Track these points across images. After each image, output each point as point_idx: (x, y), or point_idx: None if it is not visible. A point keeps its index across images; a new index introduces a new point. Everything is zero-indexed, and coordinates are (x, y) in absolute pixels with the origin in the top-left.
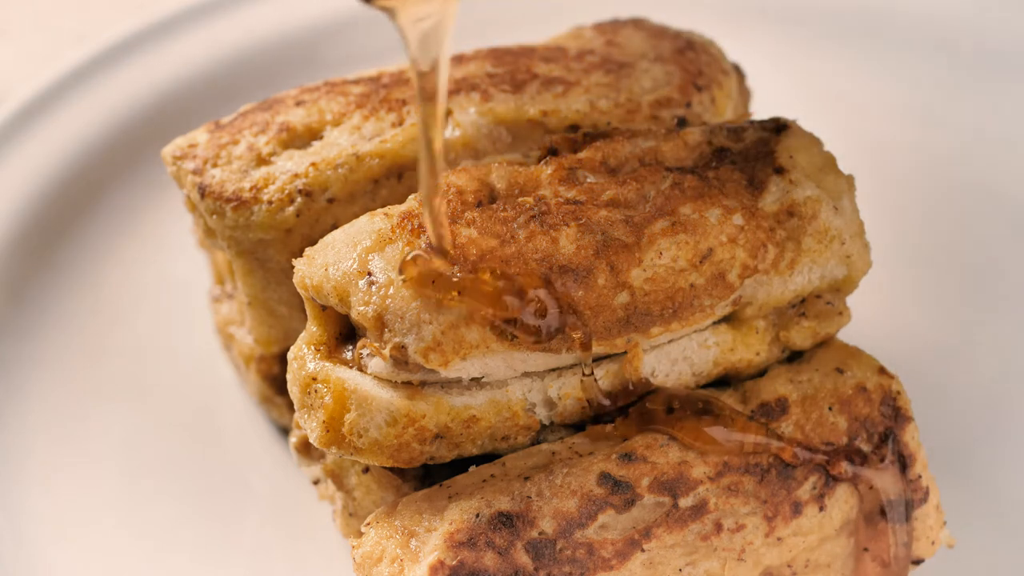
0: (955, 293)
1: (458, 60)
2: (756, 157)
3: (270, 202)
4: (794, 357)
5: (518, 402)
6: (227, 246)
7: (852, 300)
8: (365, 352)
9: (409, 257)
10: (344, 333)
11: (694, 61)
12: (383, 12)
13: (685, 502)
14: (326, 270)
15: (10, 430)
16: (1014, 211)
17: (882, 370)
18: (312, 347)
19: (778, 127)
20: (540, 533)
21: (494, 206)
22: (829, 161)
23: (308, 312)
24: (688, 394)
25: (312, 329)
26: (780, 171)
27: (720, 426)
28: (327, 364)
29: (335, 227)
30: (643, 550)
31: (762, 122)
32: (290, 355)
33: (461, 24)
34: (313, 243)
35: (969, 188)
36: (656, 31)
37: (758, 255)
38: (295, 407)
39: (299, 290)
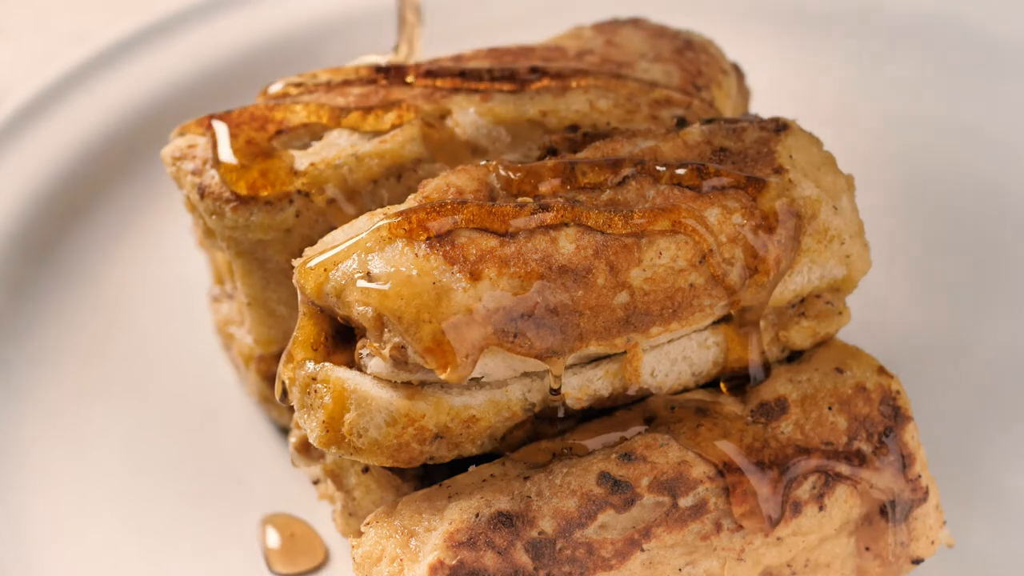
0: (955, 293)
1: (458, 60)
2: (756, 157)
3: (269, 202)
4: (794, 357)
5: (518, 402)
6: (226, 246)
7: (852, 300)
8: (365, 352)
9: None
10: (339, 333)
11: (693, 61)
12: None
13: (685, 502)
14: (325, 270)
15: (10, 429)
16: (1014, 210)
17: (882, 370)
18: (309, 347)
19: (778, 127)
20: (540, 533)
21: (494, 206)
22: (828, 161)
23: (301, 311)
24: (685, 399)
25: (307, 329)
26: (780, 171)
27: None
28: (327, 364)
29: (335, 227)
30: (643, 550)
31: (762, 122)
32: (282, 358)
33: (461, 24)
34: (313, 243)
35: (969, 187)
36: (655, 31)
37: (758, 255)
38: (294, 407)
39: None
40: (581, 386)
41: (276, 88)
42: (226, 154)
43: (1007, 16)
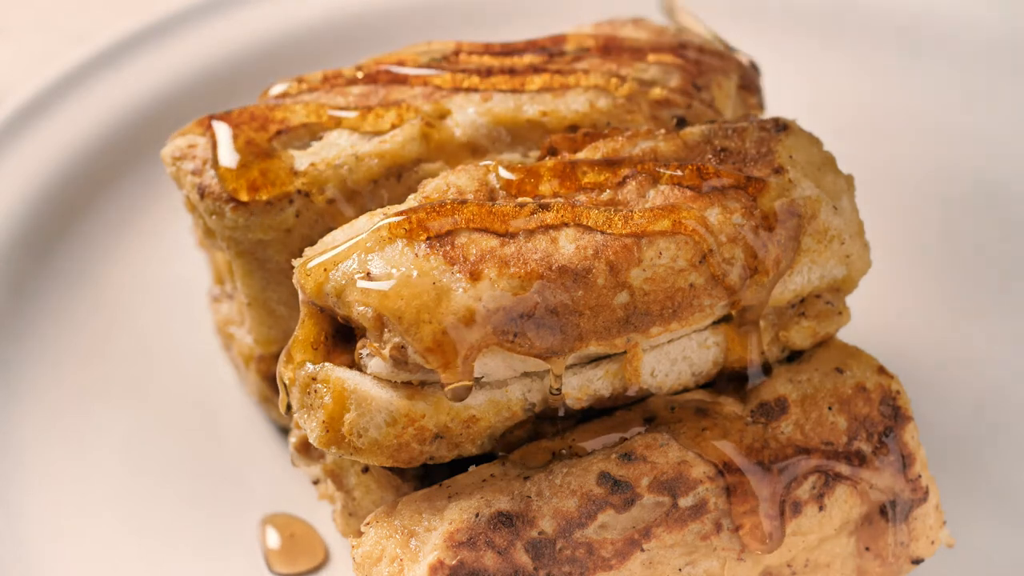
0: (955, 293)
1: (457, 57)
2: (756, 157)
3: (269, 202)
4: (794, 357)
5: (518, 402)
6: (226, 246)
7: (852, 300)
8: (365, 352)
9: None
10: (339, 333)
11: (693, 61)
12: None
13: (685, 502)
14: (325, 270)
15: (9, 429)
16: (1014, 210)
17: (882, 370)
18: (309, 347)
19: (778, 127)
20: (540, 533)
21: (494, 206)
22: (828, 161)
23: (302, 312)
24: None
25: (307, 329)
26: (780, 171)
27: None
28: (327, 364)
29: (334, 227)
30: (643, 550)
31: (762, 122)
32: (282, 356)
33: (461, 23)
34: (313, 243)
35: (969, 187)
36: (656, 30)
37: (758, 255)
38: (294, 407)
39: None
40: (581, 386)
41: (277, 90)
42: (226, 155)
43: (1008, 15)
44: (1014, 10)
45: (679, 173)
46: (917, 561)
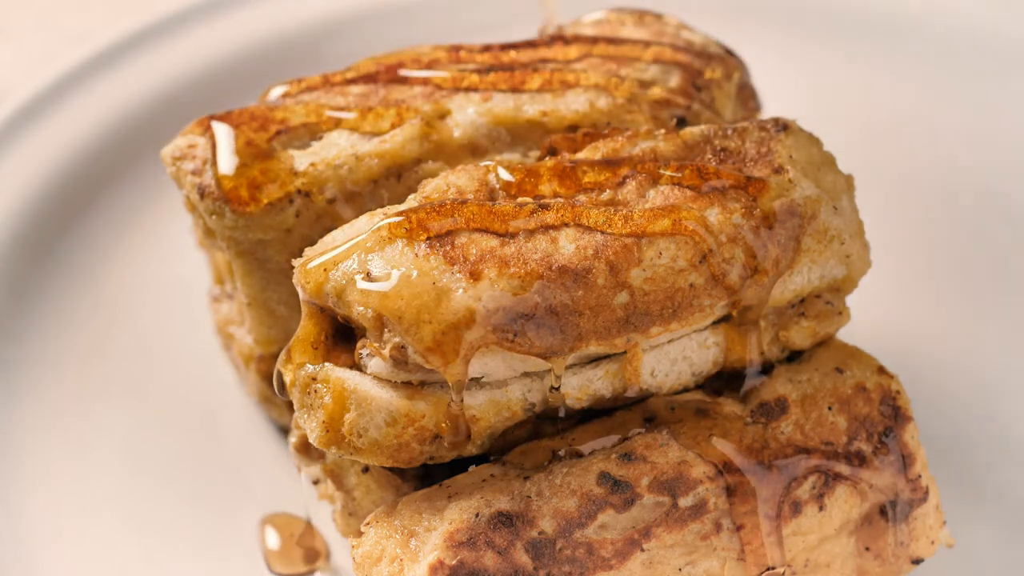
0: (955, 293)
1: (457, 56)
2: (756, 157)
3: (269, 202)
4: (794, 357)
5: (518, 402)
6: (226, 246)
7: (852, 300)
8: (365, 352)
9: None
10: (339, 333)
11: (694, 61)
12: None
13: (685, 502)
14: (325, 270)
15: (10, 429)
16: (1014, 210)
17: (882, 370)
18: (309, 347)
19: (778, 127)
20: (540, 533)
21: (494, 206)
22: (828, 161)
23: (302, 312)
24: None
25: (307, 329)
26: (780, 171)
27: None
28: (327, 364)
29: (335, 227)
30: (643, 550)
31: (762, 122)
32: (281, 356)
33: (461, 23)
34: (313, 243)
35: (969, 187)
36: (656, 30)
37: (758, 255)
38: (294, 407)
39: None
40: (581, 386)
41: (277, 92)
42: (225, 157)
43: (1008, 16)
44: (1014, 11)
45: (679, 173)
46: (917, 561)
